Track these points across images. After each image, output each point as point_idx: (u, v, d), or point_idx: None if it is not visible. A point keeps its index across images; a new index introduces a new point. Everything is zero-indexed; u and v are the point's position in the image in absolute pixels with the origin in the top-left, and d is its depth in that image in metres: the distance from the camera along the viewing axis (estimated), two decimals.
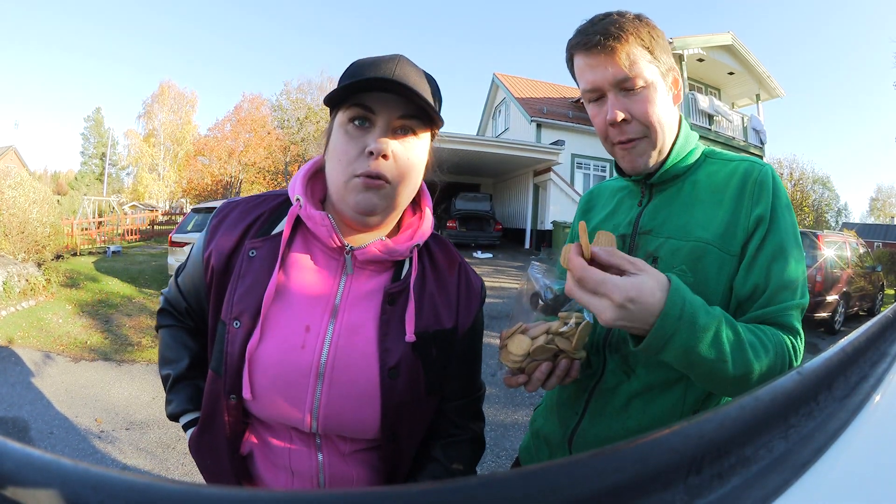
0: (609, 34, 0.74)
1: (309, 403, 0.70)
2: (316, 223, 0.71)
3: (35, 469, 0.21)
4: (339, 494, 0.22)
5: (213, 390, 0.75)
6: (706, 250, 0.75)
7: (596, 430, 0.83)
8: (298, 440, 0.75)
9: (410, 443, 0.79)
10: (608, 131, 0.80)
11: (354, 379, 0.71)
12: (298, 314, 0.71)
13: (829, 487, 0.26)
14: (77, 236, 10.56)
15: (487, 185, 17.75)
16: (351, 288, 0.74)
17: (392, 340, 0.72)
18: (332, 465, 0.76)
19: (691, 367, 0.64)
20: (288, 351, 0.70)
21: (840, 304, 6.91)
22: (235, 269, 0.73)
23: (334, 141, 0.70)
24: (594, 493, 0.22)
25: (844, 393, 0.34)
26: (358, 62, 0.70)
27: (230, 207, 0.79)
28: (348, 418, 0.72)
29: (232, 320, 0.71)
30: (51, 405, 3.42)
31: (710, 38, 12.87)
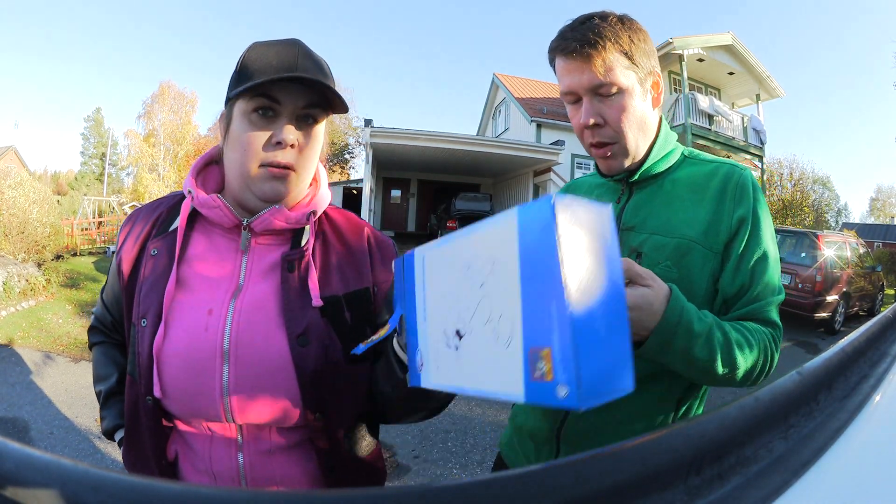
0: (586, 41, 0.76)
1: (218, 388, 0.67)
2: (209, 207, 0.71)
3: (35, 469, 0.21)
4: (340, 494, 0.22)
5: (132, 395, 0.73)
6: (690, 247, 0.78)
7: (584, 422, 0.84)
8: (219, 440, 0.72)
9: (341, 423, 0.73)
10: (583, 133, 0.83)
11: (262, 353, 0.68)
12: (201, 300, 0.70)
13: (829, 487, 0.26)
14: (77, 236, 10.55)
15: (487, 185, 17.75)
16: (252, 264, 0.73)
17: (297, 308, 0.70)
18: (254, 467, 0.72)
19: (685, 366, 0.69)
20: (192, 338, 0.68)
21: (840, 304, 6.91)
22: (141, 271, 0.73)
23: (237, 131, 0.69)
24: (595, 494, 0.22)
25: (844, 393, 0.34)
26: (256, 51, 0.69)
27: (136, 214, 0.80)
28: (263, 397, 0.68)
29: (139, 319, 0.70)
30: (51, 405, 3.43)
31: (710, 38, 12.87)
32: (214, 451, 0.72)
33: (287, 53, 0.68)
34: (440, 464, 2.81)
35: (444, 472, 2.74)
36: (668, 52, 12.35)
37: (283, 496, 0.22)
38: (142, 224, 0.77)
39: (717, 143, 12.99)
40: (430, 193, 17.48)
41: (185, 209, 0.74)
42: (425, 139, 11.53)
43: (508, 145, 12.40)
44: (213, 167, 0.80)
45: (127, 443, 0.78)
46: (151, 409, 0.71)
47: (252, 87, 0.66)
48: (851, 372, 0.36)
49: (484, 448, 2.99)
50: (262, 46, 0.70)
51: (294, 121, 0.70)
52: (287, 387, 0.69)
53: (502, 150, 12.18)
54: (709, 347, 0.68)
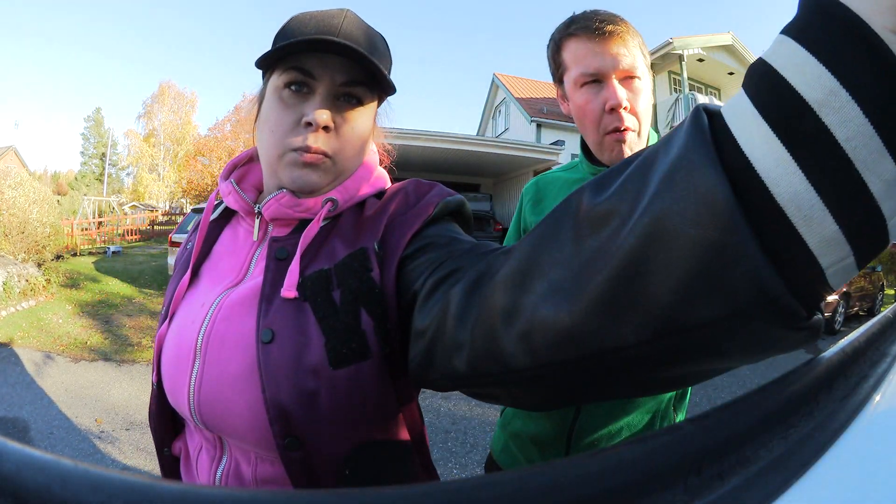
0: (619, 25, 0.78)
1: (186, 388, 0.56)
2: (225, 193, 0.64)
3: (35, 469, 0.21)
4: (339, 494, 0.22)
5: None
6: None
7: (597, 421, 0.84)
8: (206, 445, 0.61)
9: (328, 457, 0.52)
10: (603, 118, 0.80)
11: (228, 351, 0.54)
12: (204, 293, 0.62)
13: (829, 488, 0.26)
14: (77, 236, 10.56)
15: (487, 185, 17.74)
16: (263, 255, 0.61)
17: (272, 297, 0.54)
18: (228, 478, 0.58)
19: None
20: (181, 330, 0.60)
21: (840, 304, 6.91)
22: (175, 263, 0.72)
23: (266, 109, 0.60)
24: (594, 494, 0.22)
25: (844, 393, 0.34)
26: (298, 16, 0.59)
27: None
28: (226, 406, 0.53)
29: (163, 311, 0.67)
30: (51, 405, 3.43)
31: (710, 38, 12.88)
32: (200, 457, 0.62)
33: (329, 19, 0.57)
34: (440, 464, 2.81)
35: (444, 472, 2.74)
36: (668, 52, 12.35)
37: (284, 496, 0.22)
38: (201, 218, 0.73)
39: None
40: None
41: (211, 200, 0.68)
42: (425, 139, 11.52)
43: (508, 145, 12.40)
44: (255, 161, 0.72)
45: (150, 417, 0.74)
46: (154, 395, 0.66)
47: (280, 55, 0.55)
48: (851, 372, 0.36)
49: (484, 448, 2.98)
50: (303, 15, 0.59)
51: (331, 99, 0.58)
52: (250, 398, 0.51)
53: (502, 150, 12.18)
54: None
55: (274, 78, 0.59)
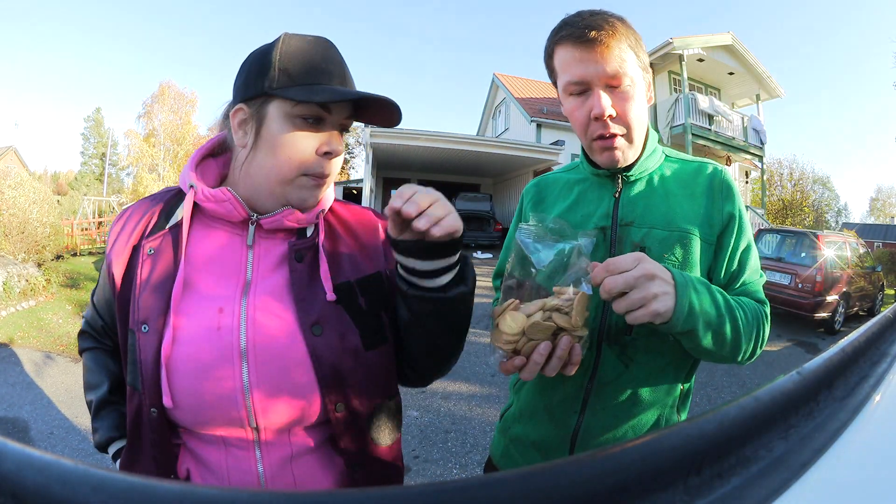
0: (604, 30, 0.76)
1: (239, 390, 0.64)
2: (218, 200, 0.68)
3: (35, 469, 0.21)
4: (339, 494, 0.22)
5: (134, 408, 0.68)
6: (691, 239, 0.82)
7: (601, 424, 0.83)
8: (235, 450, 0.67)
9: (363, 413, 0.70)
10: (590, 126, 0.81)
11: (279, 348, 0.66)
12: (209, 300, 0.67)
13: (829, 487, 0.26)
14: (77, 236, 10.55)
15: (487, 185, 17.74)
16: (260, 259, 0.70)
17: (308, 297, 0.68)
18: (275, 477, 0.68)
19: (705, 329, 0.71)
20: (204, 340, 0.64)
21: (840, 304, 6.90)
22: (137, 273, 0.68)
23: (278, 134, 0.65)
24: (594, 494, 0.22)
25: (844, 393, 0.34)
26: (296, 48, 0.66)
27: (126, 212, 0.75)
28: (284, 394, 0.65)
29: (140, 325, 0.65)
30: (51, 405, 3.43)
31: (710, 38, 12.86)
32: (231, 462, 0.67)
33: (334, 62, 0.68)
34: (440, 464, 2.81)
35: (444, 472, 2.74)
36: (668, 52, 12.33)
37: (284, 496, 0.22)
38: (134, 222, 0.72)
39: (717, 143, 12.97)
40: None
41: (189, 204, 0.68)
42: (425, 139, 11.52)
43: (508, 145, 12.39)
44: (210, 161, 0.76)
45: (127, 458, 0.72)
46: (156, 422, 0.66)
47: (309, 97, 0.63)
48: (851, 372, 0.36)
49: (484, 448, 2.98)
50: (300, 43, 0.67)
51: (339, 132, 0.70)
52: (307, 380, 0.66)
53: (502, 150, 12.18)
54: (715, 305, 0.72)
55: (284, 105, 0.65)
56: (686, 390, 0.87)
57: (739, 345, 0.75)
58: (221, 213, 0.69)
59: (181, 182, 0.73)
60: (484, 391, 3.88)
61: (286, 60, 0.65)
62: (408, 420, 3.34)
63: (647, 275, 0.66)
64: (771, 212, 18.23)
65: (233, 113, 0.69)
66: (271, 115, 0.66)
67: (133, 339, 0.67)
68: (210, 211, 0.69)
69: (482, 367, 4.43)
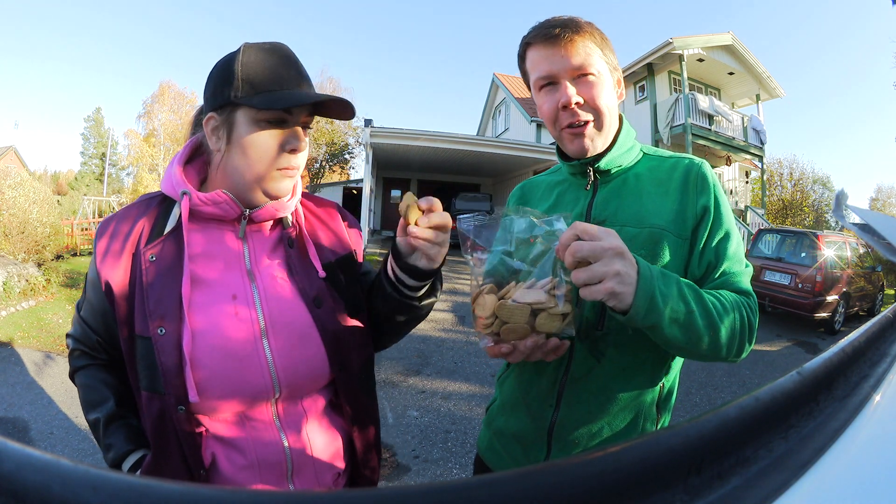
0: (568, 27, 0.82)
1: (265, 363, 0.73)
2: (216, 203, 0.75)
3: (35, 469, 0.21)
4: (340, 494, 0.22)
5: (156, 410, 0.71)
6: (662, 235, 0.82)
7: (576, 418, 0.85)
8: (259, 428, 0.75)
9: (356, 369, 0.83)
10: (558, 115, 0.85)
11: (290, 322, 0.76)
12: (220, 291, 0.74)
13: (829, 487, 0.26)
14: (77, 236, 10.55)
15: (487, 185, 17.75)
16: (254, 248, 0.80)
17: (305, 278, 0.80)
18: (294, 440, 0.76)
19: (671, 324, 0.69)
20: (226, 326, 0.72)
21: (840, 304, 6.91)
22: (139, 281, 0.72)
23: (247, 138, 0.73)
24: (594, 493, 0.22)
25: (844, 393, 0.34)
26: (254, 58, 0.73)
27: (108, 224, 0.78)
28: (299, 362, 0.76)
29: (155, 329, 0.69)
30: (51, 405, 3.43)
31: (710, 38, 12.86)
32: (255, 434, 0.74)
33: (291, 67, 0.75)
34: (440, 464, 2.81)
35: (444, 472, 2.74)
36: (668, 52, 12.33)
37: (283, 496, 0.22)
38: (124, 233, 0.76)
39: (717, 143, 12.96)
40: (429, 193, 17.32)
41: (185, 210, 0.74)
42: (425, 139, 11.52)
43: (508, 145, 12.39)
44: (188, 165, 0.82)
45: (154, 464, 0.74)
46: (184, 418, 0.70)
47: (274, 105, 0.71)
48: (851, 372, 0.36)
49: None
50: (259, 53, 0.74)
51: (302, 129, 0.77)
52: (316, 348, 0.77)
53: (502, 150, 12.18)
54: (683, 299, 0.70)
55: (250, 112, 0.73)
56: (667, 389, 0.87)
57: (719, 340, 0.73)
58: (218, 214, 0.76)
59: (168, 189, 0.78)
60: (484, 391, 3.88)
61: (247, 70, 0.72)
62: (408, 420, 3.34)
63: (616, 249, 0.64)
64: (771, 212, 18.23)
65: (205, 121, 0.76)
66: (239, 121, 0.73)
67: (146, 345, 0.70)
68: (206, 213, 0.76)
69: (482, 367, 4.43)
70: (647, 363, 0.83)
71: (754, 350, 5.58)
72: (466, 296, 7.15)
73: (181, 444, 0.71)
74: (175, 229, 0.75)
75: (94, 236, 0.79)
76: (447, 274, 8.83)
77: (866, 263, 7.92)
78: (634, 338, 0.81)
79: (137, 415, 0.79)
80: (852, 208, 0.83)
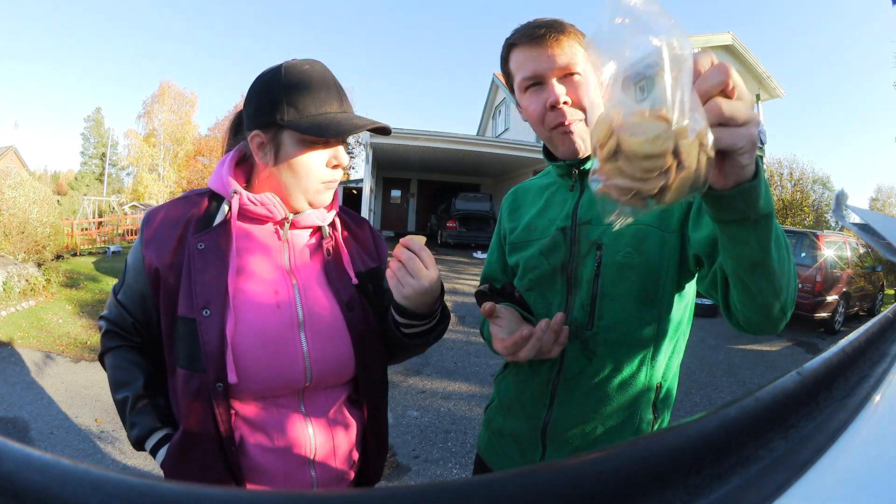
0: (553, 27, 0.82)
1: (300, 353, 0.79)
2: (264, 204, 0.82)
3: (35, 469, 0.21)
4: (340, 495, 0.22)
5: (192, 388, 0.75)
6: (647, 232, 0.81)
7: (569, 418, 0.85)
8: (287, 413, 0.80)
9: (376, 371, 0.90)
10: (546, 116, 0.84)
11: (325, 320, 0.83)
12: (263, 284, 0.80)
13: (829, 487, 0.26)
14: (77, 236, 10.55)
15: (487, 185, 17.74)
16: (293, 250, 0.86)
17: (339, 283, 0.87)
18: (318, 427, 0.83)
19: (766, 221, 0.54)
20: (268, 316, 0.78)
21: (840, 304, 6.91)
22: (185, 266, 0.77)
23: (295, 157, 0.80)
24: (594, 493, 0.22)
25: (844, 393, 0.34)
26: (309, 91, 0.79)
27: (156, 214, 0.83)
28: (330, 357, 0.83)
29: (200, 310, 0.74)
30: (51, 405, 3.43)
31: (710, 38, 12.86)
32: (281, 419, 0.80)
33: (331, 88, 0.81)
34: (440, 464, 2.81)
35: (444, 472, 2.74)
36: None
37: (283, 496, 0.22)
38: (170, 223, 0.81)
39: None
40: (430, 193, 17.48)
41: (235, 207, 0.81)
42: (425, 139, 11.52)
43: (508, 145, 12.39)
44: (237, 167, 0.88)
45: (183, 441, 0.77)
46: (221, 396, 0.74)
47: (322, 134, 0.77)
48: (851, 372, 0.36)
49: None
50: (300, 74, 0.79)
51: (341, 144, 0.84)
52: (346, 346, 0.84)
53: (502, 150, 12.18)
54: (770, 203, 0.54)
55: (295, 135, 0.79)
56: (665, 388, 0.86)
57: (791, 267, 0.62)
58: (264, 215, 0.83)
59: (217, 187, 0.85)
60: (484, 391, 3.88)
61: (291, 94, 0.78)
62: (408, 420, 3.34)
63: (756, 120, 0.45)
64: None
65: (251, 137, 0.82)
66: (286, 141, 0.79)
67: (189, 325, 0.75)
68: (253, 212, 0.82)
69: (482, 367, 4.43)
70: (639, 363, 0.83)
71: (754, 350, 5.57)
72: (466, 296, 7.14)
73: (215, 422, 0.75)
74: (223, 223, 0.81)
75: (141, 223, 0.84)
76: (447, 274, 8.83)
77: (866, 263, 7.92)
78: (625, 337, 0.81)
79: (165, 396, 0.84)
80: (852, 208, 0.83)
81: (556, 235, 0.89)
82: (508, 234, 1.01)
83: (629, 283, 0.81)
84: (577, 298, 0.85)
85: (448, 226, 13.19)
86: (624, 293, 0.82)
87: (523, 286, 0.95)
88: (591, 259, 0.84)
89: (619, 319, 0.82)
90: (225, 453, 0.76)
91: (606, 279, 0.82)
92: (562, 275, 0.88)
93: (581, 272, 0.85)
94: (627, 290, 0.81)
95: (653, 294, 0.81)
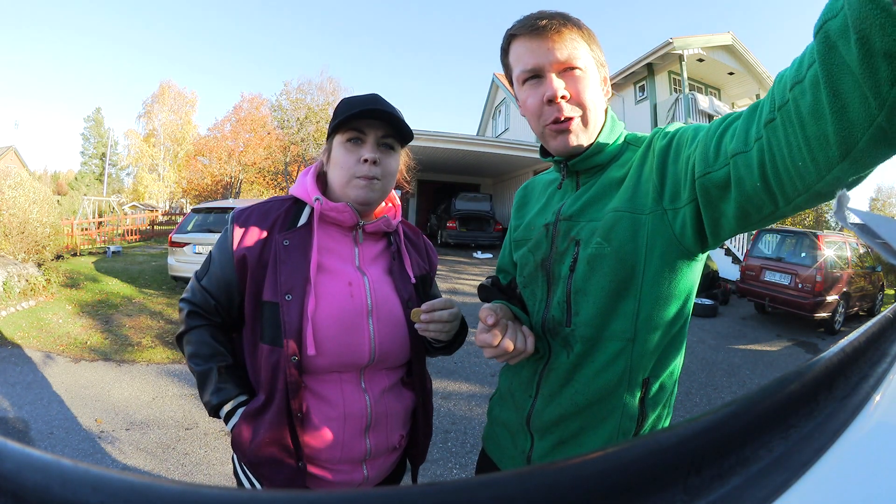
0: (555, 20, 0.80)
1: (367, 336, 0.94)
2: (339, 211, 0.97)
3: (35, 469, 0.21)
4: (339, 495, 0.22)
5: (273, 362, 0.89)
6: (617, 218, 0.79)
7: (551, 409, 0.86)
8: (349, 387, 0.94)
9: (421, 360, 1.06)
10: (542, 110, 0.83)
11: (389, 312, 0.98)
12: (338, 277, 0.95)
13: (829, 487, 0.26)
14: (77, 236, 10.55)
15: (487, 185, 17.75)
16: (362, 252, 1.01)
17: (401, 282, 1.02)
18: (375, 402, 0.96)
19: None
20: (343, 303, 0.93)
21: (840, 304, 6.91)
22: (272, 258, 0.92)
23: (336, 155, 0.98)
24: (594, 493, 0.22)
25: (844, 393, 0.34)
26: (347, 100, 0.96)
27: (248, 213, 0.98)
28: (390, 344, 0.97)
29: (283, 295, 0.89)
30: (51, 405, 3.43)
31: (710, 38, 12.86)
32: (347, 395, 0.93)
33: (368, 98, 0.95)
34: (440, 464, 2.81)
35: (444, 473, 2.74)
36: (668, 52, 12.32)
37: (282, 496, 0.22)
38: (259, 220, 0.97)
39: None
40: (430, 193, 17.47)
41: (317, 212, 0.96)
42: (425, 139, 11.52)
43: (508, 145, 12.39)
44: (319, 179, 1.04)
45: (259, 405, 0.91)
46: (295, 368, 0.88)
47: (343, 122, 0.93)
48: (851, 372, 0.36)
49: None
50: (352, 97, 0.96)
51: (376, 146, 0.97)
52: (403, 336, 0.99)
53: (502, 150, 12.18)
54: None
55: (338, 137, 0.97)
56: (656, 386, 0.82)
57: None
58: (340, 220, 0.98)
59: (301, 194, 1.01)
60: (484, 391, 3.88)
61: (338, 110, 0.96)
62: None
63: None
64: None
65: (322, 151, 1.05)
66: (334, 145, 0.99)
67: (272, 308, 0.90)
68: (331, 218, 0.98)
69: (482, 367, 4.43)
70: (615, 357, 0.79)
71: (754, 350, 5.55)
72: (466, 295, 7.15)
73: (287, 391, 0.88)
74: (306, 224, 0.97)
75: (231, 221, 0.98)
76: (447, 274, 8.83)
77: (866, 263, 7.91)
78: (600, 332, 0.80)
79: (243, 368, 0.98)
80: (853, 210, 0.83)
81: (540, 232, 0.90)
82: (513, 231, 1.03)
83: (600, 275, 0.79)
84: (555, 296, 0.85)
85: (448, 226, 13.19)
86: (597, 287, 0.79)
87: (519, 283, 0.96)
88: (569, 255, 0.84)
89: (594, 314, 0.80)
90: (291, 418, 0.89)
91: (579, 274, 0.81)
92: (542, 272, 0.88)
93: (559, 269, 0.85)
94: (599, 282, 0.79)
95: (628, 285, 0.77)
